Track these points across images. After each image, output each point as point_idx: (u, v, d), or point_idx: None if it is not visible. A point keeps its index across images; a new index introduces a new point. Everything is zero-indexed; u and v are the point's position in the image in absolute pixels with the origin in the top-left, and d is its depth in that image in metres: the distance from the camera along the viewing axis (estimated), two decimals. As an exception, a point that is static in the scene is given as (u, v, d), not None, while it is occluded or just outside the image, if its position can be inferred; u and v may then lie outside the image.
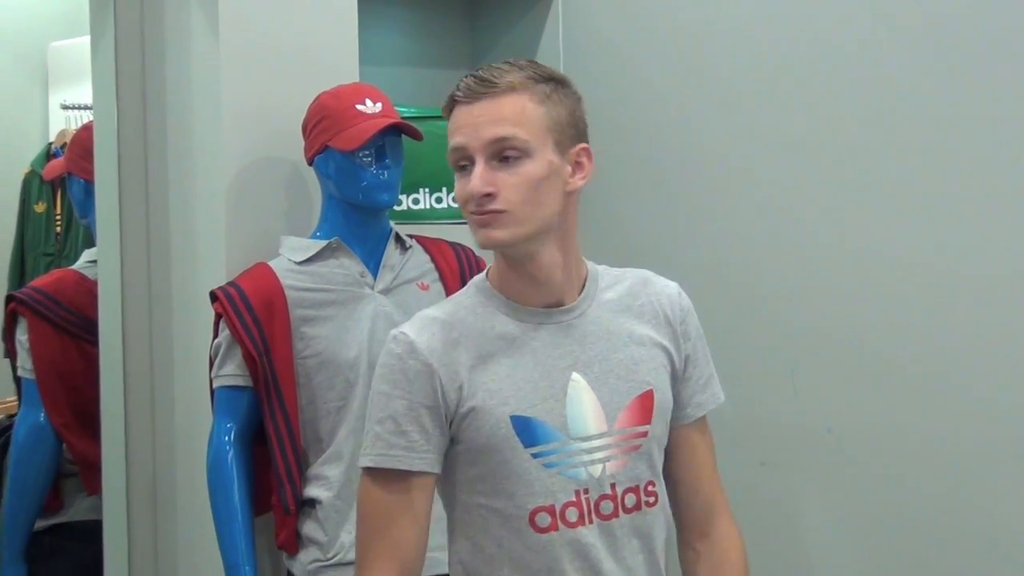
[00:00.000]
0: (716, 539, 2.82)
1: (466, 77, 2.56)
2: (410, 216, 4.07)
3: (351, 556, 3.45)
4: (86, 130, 4.45)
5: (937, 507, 3.63)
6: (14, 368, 4.41)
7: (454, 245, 3.89)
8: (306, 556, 3.64)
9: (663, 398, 2.70)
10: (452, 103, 2.56)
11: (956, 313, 3.59)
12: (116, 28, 4.01)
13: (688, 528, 2.84)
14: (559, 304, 2.66)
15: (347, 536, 3.61)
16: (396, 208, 3.87)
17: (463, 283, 3.66)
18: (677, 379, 2.76)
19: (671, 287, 2.80)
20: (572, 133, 2.60)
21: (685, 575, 2.86)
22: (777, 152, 3.93)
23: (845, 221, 3.80)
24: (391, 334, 2.67)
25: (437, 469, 2.61)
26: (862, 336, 3.76)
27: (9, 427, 4.55)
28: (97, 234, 4.25)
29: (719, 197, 4.10)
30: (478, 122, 2.52)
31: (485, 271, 2.77)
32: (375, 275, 3.70)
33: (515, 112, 2.52)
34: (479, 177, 2.50)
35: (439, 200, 4.20)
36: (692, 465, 2.82)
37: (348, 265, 3.68)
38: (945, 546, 3.67)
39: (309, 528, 3.65)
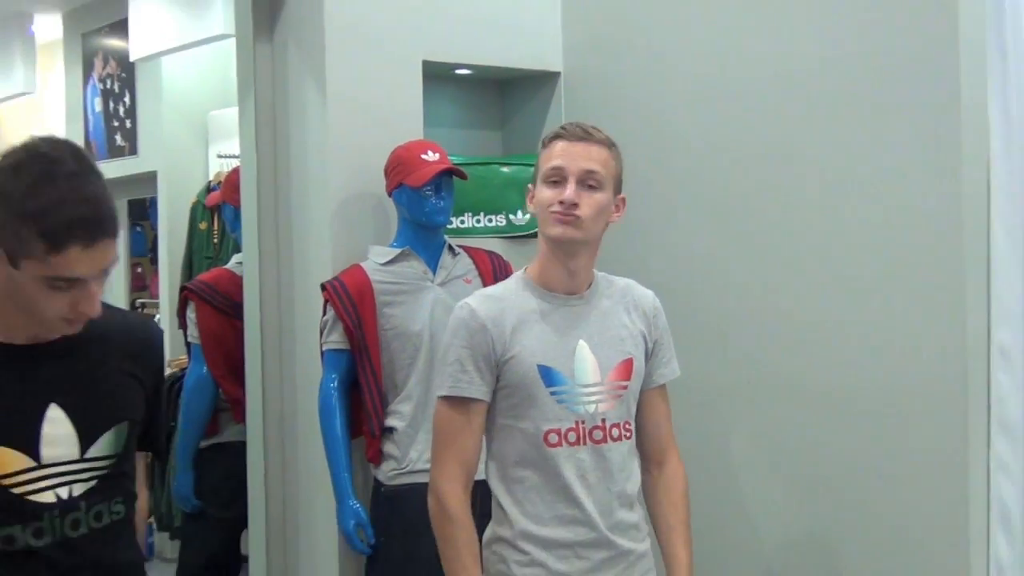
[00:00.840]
0: (667, 470, 2.85)
1: (568, 124, 2.66)
2: (458, 232, 4.05)
3: (418, 467, 3.53)
4: (235, 172, 4.48)
5: (828, 434, 3.52)
6: (185, 336, 4.45)
7: (489, 252, 3.90)
8: (387, 467, 3.65)
9: (639, 365, 2.74)
10: (557, 137, 2.61)
11: (840, 295, 3.50)
12: (256, 100, 4.02)
13: (648, 460, 2.84)
14: (575, 293, 2.70)
15: (415, 453, 3.62)
16: (448, 227, 3.83)
17: (495, 280, 3.69)
18: (648, 355, 2.80)
19: (649, 294, 2.84)
20: (619, 184, 2.68)
21: (644, 494, 2.85)
22: (714, 203, 3.80)
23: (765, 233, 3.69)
24: (459, 303, 2.75)
25: (488, 398, 2.65)
26: (773, 315, 3.65)
27: (181, 377, 4.58)
28: (243, 243, 4.25)
29: (680, 226, 4.04)
30: (577, 155, 2.58)
31: (524, 269, 2.77)
32: (434, 273, 3.71)
33: (602, 158, 2.61)
34: (572, 190, 2.55)
35: (478, 221, 4.15)
36: (652, 418, 2.84)
37: (415, 266, 3.69)
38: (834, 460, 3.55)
39: (388, 447, 3.66)
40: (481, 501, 2.80)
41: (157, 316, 6.91)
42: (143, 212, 8.08)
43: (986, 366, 3.26)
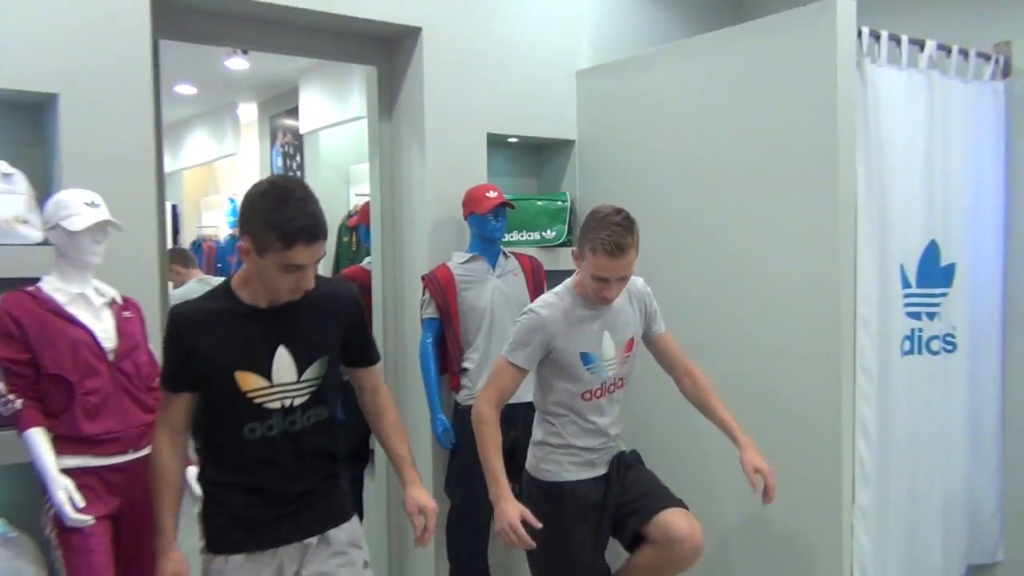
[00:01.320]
0: (693, 375, 2.88)
1: (609, 239, 2.50)
2: (508, 243, 3.93)
3: None
4: (366, 204, 4.42)
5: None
6: None
7: (529, 256, 3.84)
8: (463, 393, 3.62)
9: (637, 339, 2.80)
10: (604, 253, 2.50)
11: (750, 284, 3.43)
12: (380, 158, 4.03)
13: (679, 375, 2.89)
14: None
15: (480, 384, 3.43)
16: (503, 240, 3.75)
17: (533, 275, 3.73)
18: (646, 323, 2.83)
19: (640, 281, 2.82)
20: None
21: (686, 396, 2.91)
22: (675, 229, 3.72)
23: (719, 242, 3.69)
24: (527, 307, 2.74)
25: (531, 369, 2.67)
26: (706, 298, 3.57)
27: None
28: (372, 250, 4.19)
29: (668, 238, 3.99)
30: (617, 268, 2.53)
31: (572, 280, 2.73)
32: (494, 270, 3.66)
33: (630, 263, 2.58)
34: (615, 290, 2.59)
35: (521, 236, 4.11)
36: (668, 351, 2.88)
37: (482, 265, 3.65)
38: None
39: (464, 381, 3.62)
40: (524, 414, 2.98)
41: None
42: (308, 230, 8.18)
43: (852, 332, 3.20)
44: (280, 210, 1.95)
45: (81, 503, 2.42)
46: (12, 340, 2.46)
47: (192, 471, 2.72)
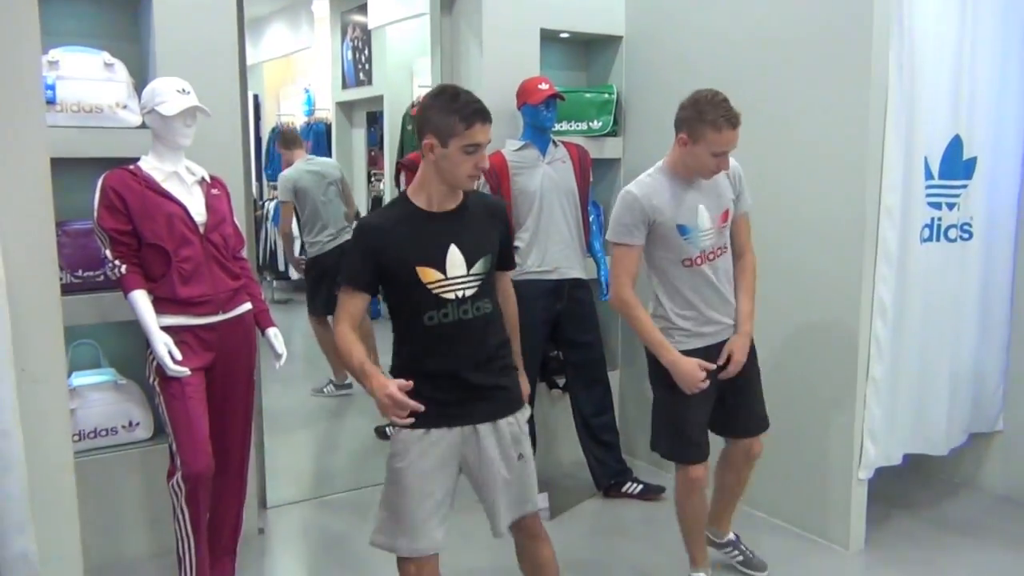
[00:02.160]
0: (743, 260, 2.83)
1: (729, 113, 2.54)
2: (558, 132, 3.86)
3: (529, 270, 3.50)
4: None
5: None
6: (399, 192, 4.39)
7: (576, 144, 3.77)
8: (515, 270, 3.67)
9: (732, 211, 2.75)
10: (725, 124, 2.54)
11: (784, 175, 3.36)
12: (441, 52, 3.98)
13: (735, 254, 2.81)
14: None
15: (529, 262, 3.51)
16: (553, 129, 3.68)
17: (580, 163, 3.69)
18: (735, 201, 2.77)
19: (735, 163, 2.76)
20: None
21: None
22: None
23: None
24: (624, 188, 2.70)
25: (642, 243, 2.66)
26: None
27: None
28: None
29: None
30: (735, 139, 2.57)
31: (664, 161, 2.71)
32: (544, 156, 3.60)
33: (737, 137, 2.59)
34: (727, 161, 2.62)
35: (570, 126, 4.04)
36: (737, 231, 2.82)
37: (533, 152, 3.60)
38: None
39: (516, 257, 3.37)
40: (570, 289, 2.87)
41: (383, 181, 7.00)
42: (376, 119, 8.14)
43: (876, 219, 3.14)
44: (457, 100, 2.09)
45: (179, 356, 2.54)
46: (116, 212, 2.53)
47: (273, 332, 2.85)
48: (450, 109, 2.08)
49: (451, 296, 2.15)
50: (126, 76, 3.09)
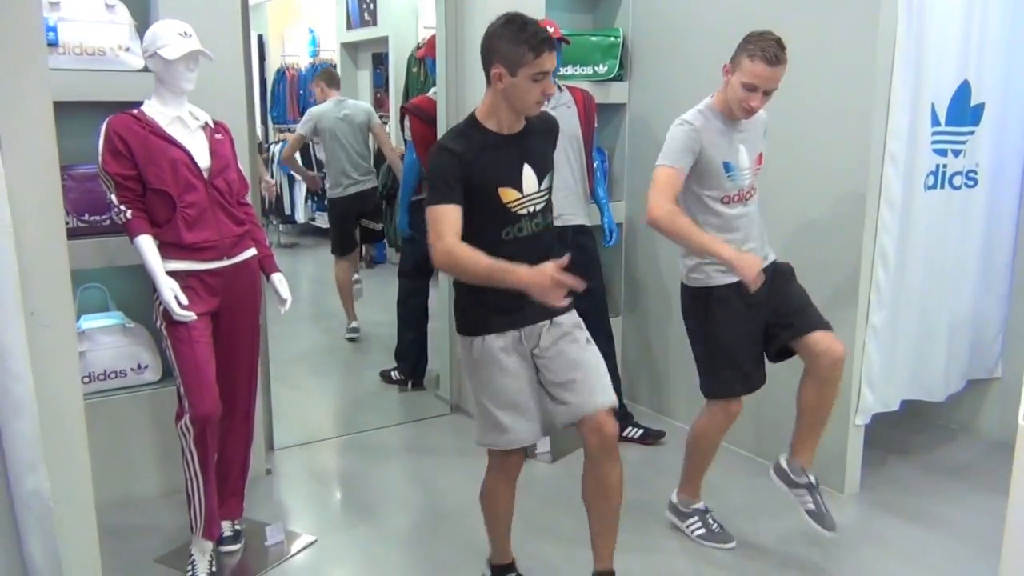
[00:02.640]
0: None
1: (768, 49, 2.54)
2: (563, 77, 3.86)
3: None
4: (433, 37, 4.25)
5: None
6: (403, 135, 4.35)
7: (581, 89, 3.72)
8: None
9: (763, 155, 2.82)
10: (763, 60, 2.55)
11: (794, 120, 3.34)
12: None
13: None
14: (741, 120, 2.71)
15: None
16: (558, 73, 3.68)
17: (584, 108, 3.64)
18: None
19: (763, 114, 2.79)
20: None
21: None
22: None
23: None
24: (680, 118, 2.70)
25: (688, 168, 2.67)
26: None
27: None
28: (436, 81, 4.11)
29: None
30: (769, 77, 2.57)
31: (713, 98, 2.72)
32: (548, 102, 3.41)
33: (779, 78, 2.60)
34: (760, 100, 2.62)
35: (576, 70, 4.02)
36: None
37: None
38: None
39: None
40: (573, 236, 2.86)
41: (388, 123, 6.95)
42: (381, 60, 8.07)
43: (880, 166, 3.13)
44: (525, 30, 2.18)
45: (185, 301, 2.57)
46: (121, 157, 2.54)
47: (278, 277, 2.87)
48: (519, 39, 2.17)
49: (525, 212, 2.30)
50: (128, 18, 3.06)
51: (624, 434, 3.82)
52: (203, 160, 2.65)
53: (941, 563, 2.89)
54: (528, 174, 2.30)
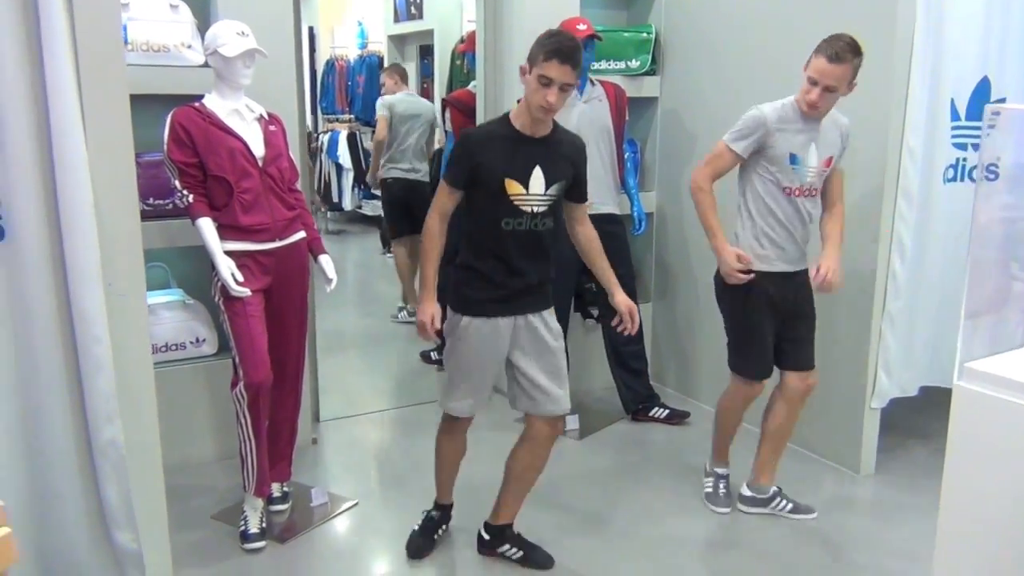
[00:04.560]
0: (833, 210, 2.96)
1: (832, 47, 2.65)
2: (596, 71, 3.96)
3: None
4: (474, 32, 4.46)
5: None
6: (443, 126, 4.53)
7: (613, 84, 3.87)
8: None
9: (835, 161, 2.90)
10: (826, 57, 2.65)
11: None
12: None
13: (825, 205, 2.95)
14: (816, 118, 2.81)
15: None
16: (591, 68, 3.79)
17: (616, 102, 3.77)
18: (839, 155, 2.92)
19: (846, 121, 2.92)
20: (855, 75, 2.73)
21: (820, 224, 2.97)
22: (759, 46, 3.78)
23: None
24: (754, 107, 2.85)
25: (743, 158, 2.85)
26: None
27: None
28: (476, 74, 4.26)
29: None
30: (829, 73, 2.67)
31: (795, 96, 2.80)
32: (582, 95, 3.70)
33: (841, 77, 2.69)
34: (818, 95, 2.71)
35: (609, 65, 4.13)
36: (831, 184, 2.94)
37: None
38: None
39: None
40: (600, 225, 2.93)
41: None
42: (428, 52, 8.27)
43: (898, 159, 3.23)
44: (551, 37, 2.40)
45: (240, 278, 2.79)
46: (184, 146, 2.77)
47: (325, 258, 3.08)
48: (540, 41, 2.38)
49: (527, 209, 2.48)
50: (190, 17, 3.31)
51: (650, 414, 4.00)
52: (258, 149, 2.86)
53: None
54: (537, 175, 2.48)
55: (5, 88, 1.91)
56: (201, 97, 2.87)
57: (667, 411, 4.00)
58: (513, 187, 2.46)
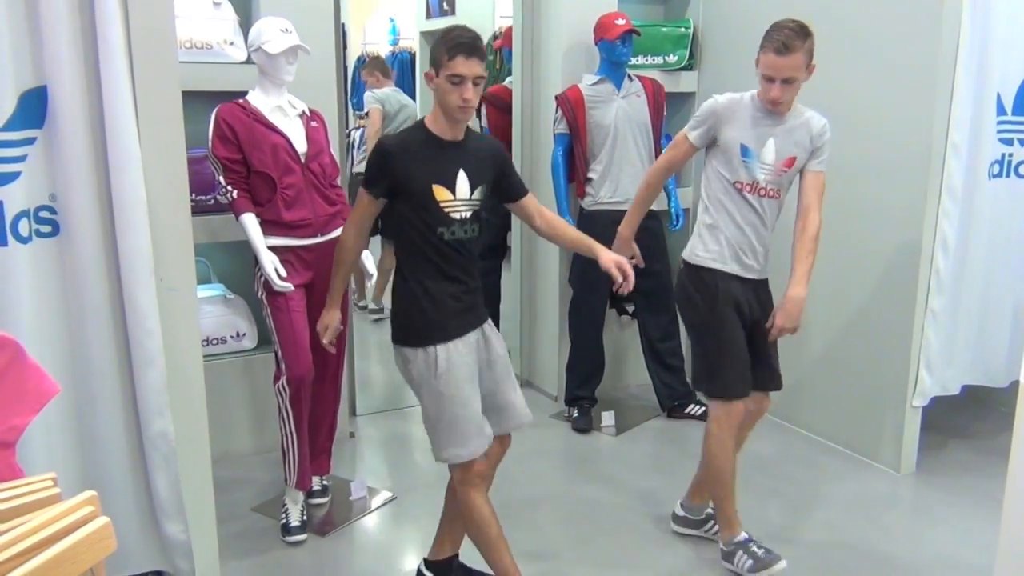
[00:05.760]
0: (806, 220, 2.66)
1: (779, 39, 2.50)
2: (634, 67, 3.98)
3: (603, 200, 3.70)
4: (510, 28, 4.50)
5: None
6: (479, 123, 4.47)
7: (651, 79, 3.89)
8: (587, 199, 3.78)
9: (799, 163, 2.68)
10: (773, 51, 2.51)
11: (856, 109, 3.45)
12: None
13: (799, 211, 2.70)
14: (780, 115, 2.64)
15: (603, 193, 3.71)
16: (629, 63, 3.79)
17: (654, 97, 3.79)
18: (809, 157, 2.69)
19: (822, 122, 2.70)
20: (810, 58, 2.56)
21: (793, 235, 2.70)
22: None
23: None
24: (712, 98, 2.71)
25: (697, 146, 2.73)
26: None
27: None
28: (512, 70, 4.30)
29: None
30: (782, 67, 2.52)
31: (756, 92, 2.65)
32: (619, 91, 3.74)
33: (795, 67, 2.52)
34: (779, 90, 2.55)
35: (646, 60, 4.14)
36: (805, 188, 2.70)
37: (609, 87, 3.74)
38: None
39: (588, 188, 3.78)
40: None
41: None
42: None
43: (943, 154, 3.22)
44: (449, 33, 2.26)
45: (284, 273, 2.84)
46: (228, 142, 2.82)
47: (365, 254, 3.11)
48: (441, 42, 2.25)
49: (457, 216, 2.33)
50: (232, 15, 3.36)
51: (686, 411, 4.01)
52: (300, 145, 2.91)
53: (992, 541, 2.97)
54: (463, 179, 2.34)
55: (63, 88, 1.96)
56: (243, 94, 2.92)
57: (703, 408, 3.99)
58: (442, 193, 2.31)
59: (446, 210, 2.32)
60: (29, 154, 1.98)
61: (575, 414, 3.96)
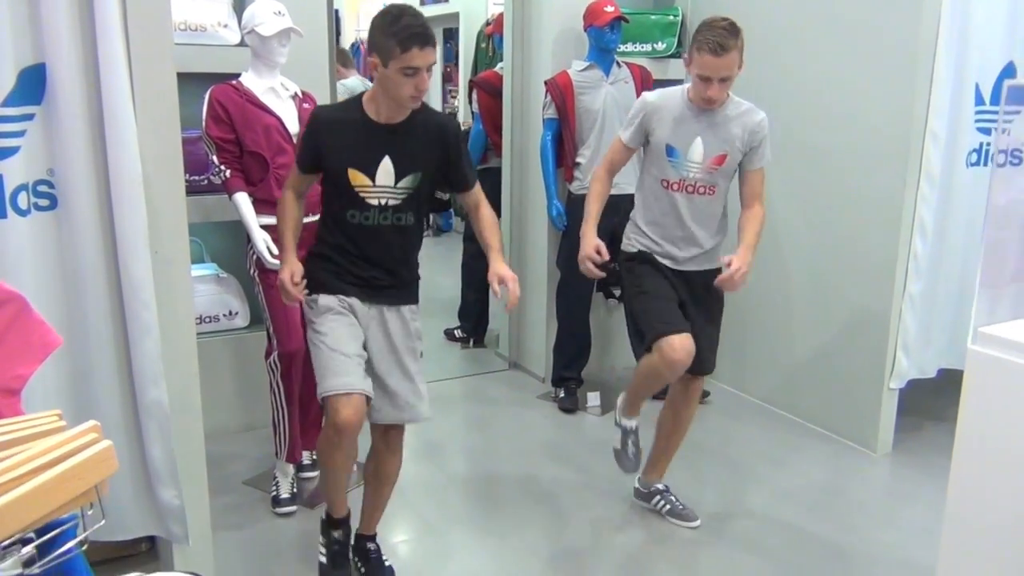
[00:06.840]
0: (751, 210, 2.70)
1: (713, 39, 2.46)
2: (622, 53, 4.01)
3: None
4: (502, 14, 4.55)
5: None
6: (471, 107, 4.59)
7: (639, 66, 3.95)
8: (575, 184, 3.83)
9: (731, 160, 2.67)
10: (708, 51, 2.48)
11: (835, 98, 3.51)
12: None
13: (743, 205, 2.73)
14: (710, 109, 2.63)
15: (590, 177, 3.76)
16: (617, 50, 3.85)
17: (642, 83, 3.82)
18: (747, 152, 2.70)
19: (760, 117, 2.69)
20: (741, 56, 2.54)
21: (739, 225, 2.73)
22: (781, 41, 3.79)
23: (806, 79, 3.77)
24: (643, 95, 2.76)
25: (636, 147, 2.77)
26: (801, 90, 3.73)
27: (468, 131, 4.75)
28: (504, 56, 4.34)
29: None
30: (718, 67, 2.50)
31: (687, 85, 2.66)
32: (608, 77, 3.80)
33: (731, 65, 2.51)
34: (716, 89, 2.54)
35: (635, 47, 4.18)
36: (748, 185, 2.73)
37: (597, 73, 3.79)
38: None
39: (576, 173, 3.83)
40: (629, 205, 2.97)
41: (457, 98, 7.24)
42: (452, 35, 8.34)
43: (921, 142, 3.29)
44: (397, 23, 2.11)
45: (275, 251, 2.88)
46: (221, 122, 2.88)
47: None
48: (389, 32, 2.10)
49: (376, 203, 2.27)
50: (226, -3, 3.42)
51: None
52: (293, 126, 2.97)
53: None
54: (385, 167, 2.26)
55: (61, 65, 2.01)
56: (237, 76, 2.97)
57: (687, 390, 4.07)
58: (357, 178, 2.26)
59: (361, 195, 2.26)
60: (28, 129, 2.02)
61: (561, 394, 4.04)
